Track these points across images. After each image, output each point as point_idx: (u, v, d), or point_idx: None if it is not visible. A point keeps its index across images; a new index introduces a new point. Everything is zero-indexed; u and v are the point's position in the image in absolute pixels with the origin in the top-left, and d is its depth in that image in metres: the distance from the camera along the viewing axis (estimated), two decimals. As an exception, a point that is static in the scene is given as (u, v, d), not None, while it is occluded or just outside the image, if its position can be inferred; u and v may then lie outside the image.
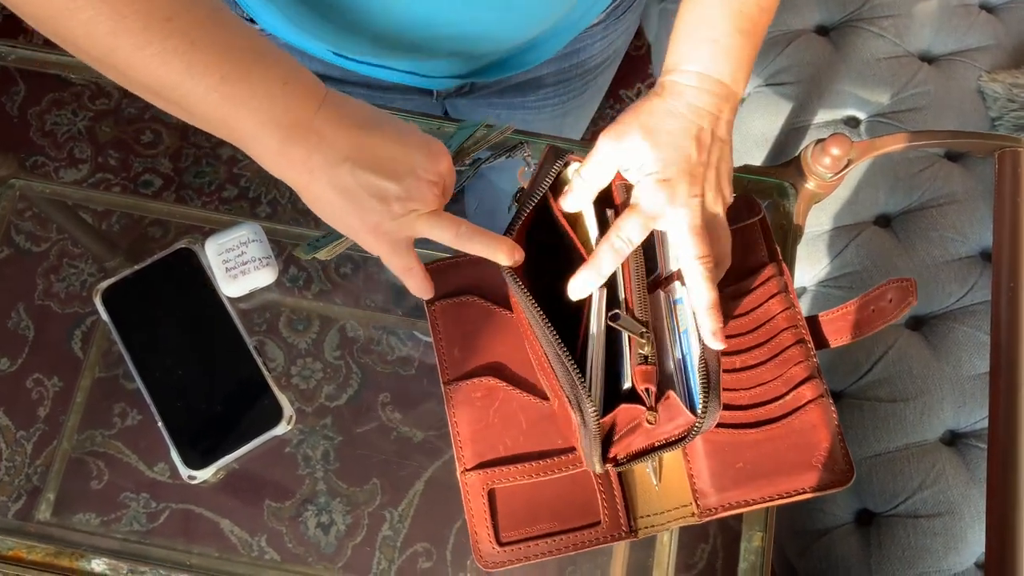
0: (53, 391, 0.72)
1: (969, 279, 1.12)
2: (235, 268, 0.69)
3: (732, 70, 0.55)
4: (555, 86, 0.83)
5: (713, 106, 0.55)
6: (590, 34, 0.76)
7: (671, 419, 0.53)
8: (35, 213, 0.78)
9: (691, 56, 0.56)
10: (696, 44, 0.56)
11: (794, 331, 0.60)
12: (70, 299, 0.75)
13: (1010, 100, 1.19)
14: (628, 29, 0.82)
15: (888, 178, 1.17)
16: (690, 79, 0.55)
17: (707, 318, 0.54)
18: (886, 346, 1.09)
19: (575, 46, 0.77)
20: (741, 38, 0.55)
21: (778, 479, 0.58)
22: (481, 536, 0.58)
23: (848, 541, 1.04)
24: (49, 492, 0.69)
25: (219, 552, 0.68)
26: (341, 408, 0.72)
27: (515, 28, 0.65)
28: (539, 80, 0.81)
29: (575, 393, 0.52)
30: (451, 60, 0.70)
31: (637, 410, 0.52)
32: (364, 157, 0.51)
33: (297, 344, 0.73)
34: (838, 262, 1.15)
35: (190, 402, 0.66)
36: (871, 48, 1.23)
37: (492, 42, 0.66)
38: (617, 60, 0.87)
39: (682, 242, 0.55)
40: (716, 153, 0.56)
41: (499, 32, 0.64)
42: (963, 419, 1.07)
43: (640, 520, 0.60)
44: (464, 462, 0.60)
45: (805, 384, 0.58)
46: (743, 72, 0.56)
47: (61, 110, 0.93)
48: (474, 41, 0.65)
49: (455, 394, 0.61)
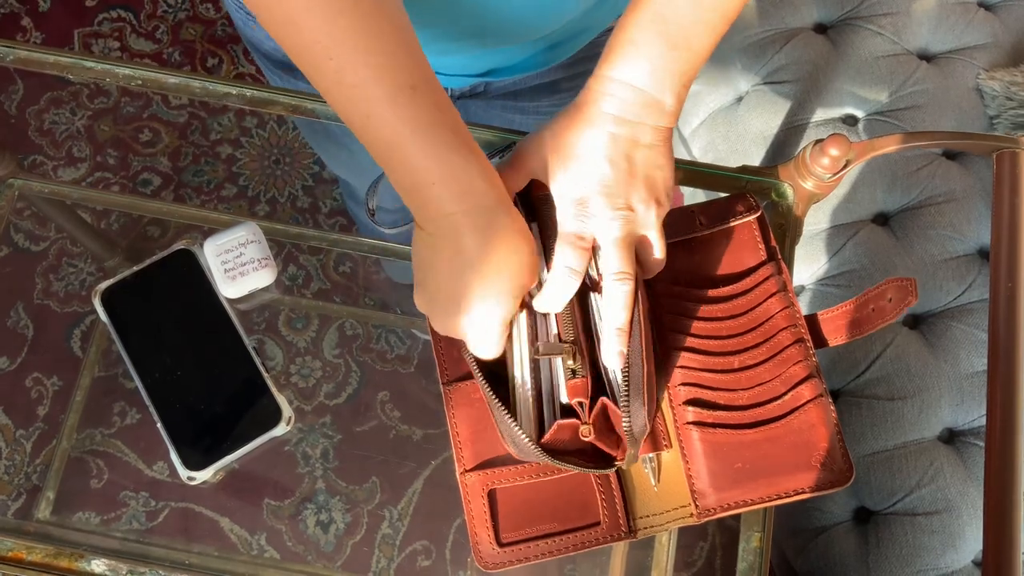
0: (52, 390, 0.72)
1: (967, 277, 1.12)
2: (234, 269, 0.69)
3: (650, 76, 0.53)
4: (569, 91, 0.83)
5: (631, 114, 0.54)
6: (605, 39, 0.76)
7: (611, 427, 0.54)
8: (34, 212, 0.78)
9: (607, 61, 0.55)
10: (613, 48, 0.55)
11: (793, 330, 0.60)
12: (69, 298, 0.75)
13: (1008, 98, 1.19)
14: None
15: (886, 176, 1.17)
16: (605, 86, 0.55)
17: (613, 339, 0.54)
18: (884, 344, 1.09)
19: (591, 51, 0.77)
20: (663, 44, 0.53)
21: (777, 479, 0.58)
22: (481, 537, 0.58)
23: (846, 539, 1.05)
24: (49, 491, 0.69)
25: (219, 551, 0.68)
26: (340, 407, 0.72)
27: (543, 15, 0.64)
28: (554, 84, 0.81)
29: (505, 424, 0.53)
30: (471, 55, 0.69)
31: (574, 424, 0.53)
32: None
33: (296, 343, 0.73)
34: (836, 260, 1.15)
35: (189, 403, 0.67)
36: (869, 46, 1.23)
37: (518, 27, 0.65)
38: None
39: (603, 255, 0.55)
40: (641, 162, 0.54)
41: (526, 17, 0.63)
42: (961, 417, 1.07)
43: (639, 520, 0.60)
44: (464, 463, 0.60)
45: (804, 383, 0.58)
46: (668, 80, 0.54)
47: (60, 109, 0.94)
48: (499, 26, 0.64)
49: (454, 395, 0.61)
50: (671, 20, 0.52)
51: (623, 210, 0.54)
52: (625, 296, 0.54)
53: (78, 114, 0.93)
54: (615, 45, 0.54)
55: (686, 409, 0.59)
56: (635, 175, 0.54)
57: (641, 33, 0.53)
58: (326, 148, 0.96)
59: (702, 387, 0.60)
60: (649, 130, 0.54)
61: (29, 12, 1.64)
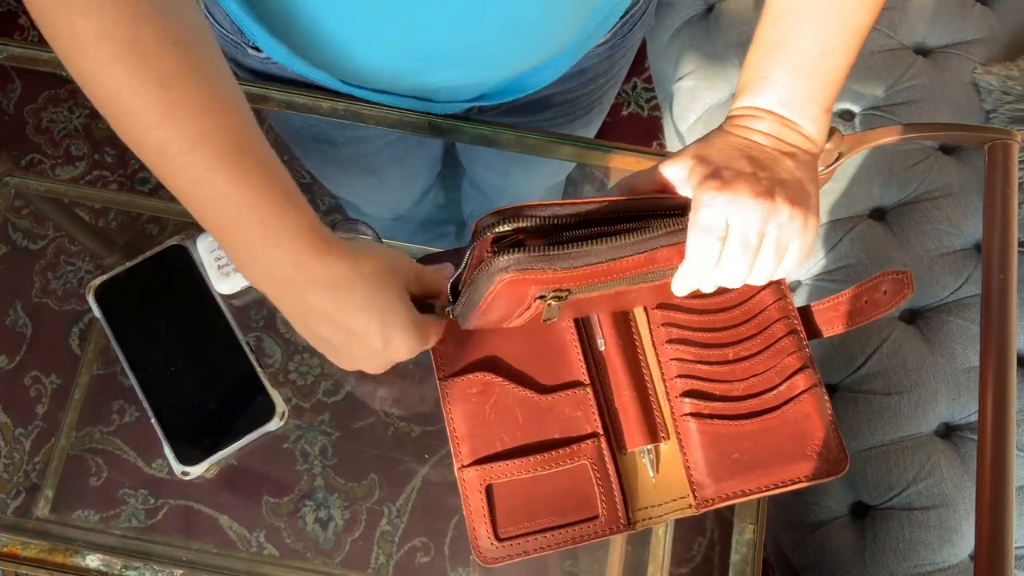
0: (51, 388, 0.73)
1: (963, 272, 1.12)
2: (227, 265, 0.69)
3: (781, 101, 0.54)
4: (562, 105, 0.83)
5: (773, 131, 0.54)
6: (596, 53, 0.76)
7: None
8: (31, 211, 0.78)
9: (743, 88, 0.56)
10: (751, 78, 0.55)
11: (786, 322, 0.60)
12: (67, 296, 0.75)
13: (1004, 92, 1.19)
14: (632, 47, 0.82)
15: (882, 171, 1.18)
16: (742, 110, 0.55)
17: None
18: (880, 339, 1.09)
19: (581, 65, 0.77)
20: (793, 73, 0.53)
21: (774, 469, 0.58)
22: (480, 532, 0.59)
23: (843, 534, 1.05)
24: (48, 489, 0.69)
25: (218, 548, 0.69)
26: (339, 403, 0.73)
27: (521, 55, 0.64)
28: (546, 100, 0.81)
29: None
30: (456, 88, 0.70)
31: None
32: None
33: (295, 339, 0.73)
34: (833, 255, 1.15)
35: (183, 399, 0.67)
36: (866, 41, 1.23)
37: (497, 69, 0.66)
38: (621, 77, 0.88)
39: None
40: (780, 167, 0.53)
41: (504, 60, 0.64)
42: (957, 412, 1.07)
43: (638, 513, 0.60)
44: (461, 459, 0.60)
45: (798, 374, 0.59)
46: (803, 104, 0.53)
47: (57, 107, 0.94)
48: (478, 70, 0.65)
49: (451, 390, 0.61)
50: (796, 46, 0.53)
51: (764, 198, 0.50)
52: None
53: (76, 112, 0.93)
54: (749, 78, 0.55)
55: (683, 401, 0.60)
56: (773, 177, 0.52)
57: (767, 65, 0.54)
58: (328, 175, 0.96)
59: (698, 379, 0.60)
60: (782, 142, 0.54)
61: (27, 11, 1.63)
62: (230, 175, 0.46)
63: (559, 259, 0.47)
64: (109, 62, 0.44)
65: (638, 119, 1.73)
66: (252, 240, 0.48)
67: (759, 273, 0.53)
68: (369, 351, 0.53)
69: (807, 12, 0.53)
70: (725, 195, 0.50)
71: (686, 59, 1.29)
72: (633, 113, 1.73)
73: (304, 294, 0.50)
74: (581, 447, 0.59)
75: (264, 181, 0.47)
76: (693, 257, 0.51)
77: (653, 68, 1.41)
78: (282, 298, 0.51)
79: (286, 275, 0.49)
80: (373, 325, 0.51)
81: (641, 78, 1.76)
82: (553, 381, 0.61)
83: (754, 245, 0.51)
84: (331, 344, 0.53)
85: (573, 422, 0.60)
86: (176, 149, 0.45)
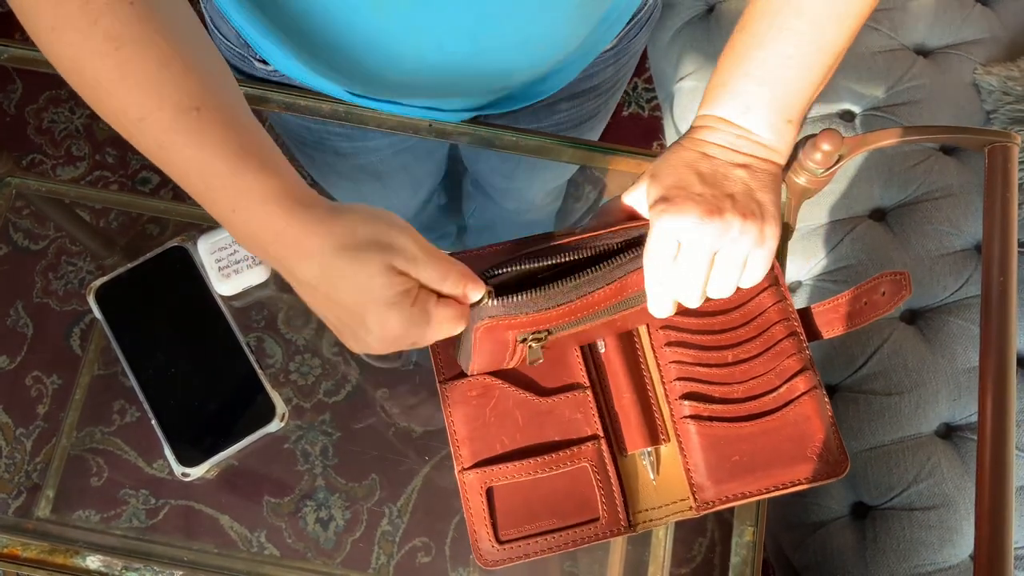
0: (52, 388, 0.73)
1: (964, 273, 1.12)
2: (228, 267, 0.69)
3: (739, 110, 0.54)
4: (568, 111, 0.83)
5: (726, 142, 0.54)
6: (603, 59, 0.76)
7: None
8: (32, 211, 0.78)
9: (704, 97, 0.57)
10: (711, 86, 0.56)
11: (786, 324, 0.60)
12: (68, 297, 0.75)
13: (1005, 93, 1.19)
14: (637, 52, 0.82)
15: (883, 172, 1.18)
16: (700, 120, 0.56)
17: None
18: (881, 340, 1.09)
19: (588, 71, 0.77)
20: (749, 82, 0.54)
21: (774, 471, 0.58)
22: (480, 535, 0.58)
23: (843, 534, 1.05)
24: (48, 489, 0.69)
25: (218, 548, 0.69)
26: (339, 404, 0.73)
27: (530, 63, 0.64)
28: (553, 106, 0.82)
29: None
30: (465, 98, 0.70)
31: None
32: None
33: (295, 340, 0.73)
34: (833, 256, 1.15)
35: (183, 400, 0.67)
36: (866, 42, 1.23)
37: (507, 78, 0.66)
38: (626, 80, 0.88)
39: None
40: (731, 180, 0.53)
41: (514, 69, 0.64)
42: (958, 412, 1.07)
43: (638, 515, 0.60)
44: (462, 461, 0.60)
45: (798, 376, 0.59)
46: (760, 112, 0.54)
47: (58, 108, 0.94)
48: (488, 79, 0.65)
49: (451, 393, 0.61)
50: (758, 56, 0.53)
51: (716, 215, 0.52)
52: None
53: (77, 113, 0.93)
54: (712, 85, 0.56)
55: (682, 403, 0.60)
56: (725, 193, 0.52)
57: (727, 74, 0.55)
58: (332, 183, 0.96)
59: (698, 381, 0.60)
60: (740, 156, 0.54)
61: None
62: (189, 136, 0.44)
63: (527, 304, 0.51)
64: (64, 28, 0.43)
65: (638, 119, 1.73)
66: (221, 206, 0.46)
67: (720, 288, 0.55)
68: (364, 329, 0.48)
69: (776, 23, 0.53)
70: (670, 217, 0.52)
71: (687, 60, 1.29)
72: (634, 113, 1.73)
73: (288, 264, 0.46)
74: (581, 449, 0.59)
75: (227, 141, 0.44)
76: (650, 281, 0.54)
77: (654, 69, 1.41)
78: (277, 267, 0.48)
79: (265, 242, 0.46)
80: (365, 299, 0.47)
81: (642, 78, 1.76)
82: (553, 384, 0.61)
83: (705, 263, 0.53)
84: (330, 321, 0.50)
85: (573, 424, 0.60)
86: (136, 113, 0.44)
